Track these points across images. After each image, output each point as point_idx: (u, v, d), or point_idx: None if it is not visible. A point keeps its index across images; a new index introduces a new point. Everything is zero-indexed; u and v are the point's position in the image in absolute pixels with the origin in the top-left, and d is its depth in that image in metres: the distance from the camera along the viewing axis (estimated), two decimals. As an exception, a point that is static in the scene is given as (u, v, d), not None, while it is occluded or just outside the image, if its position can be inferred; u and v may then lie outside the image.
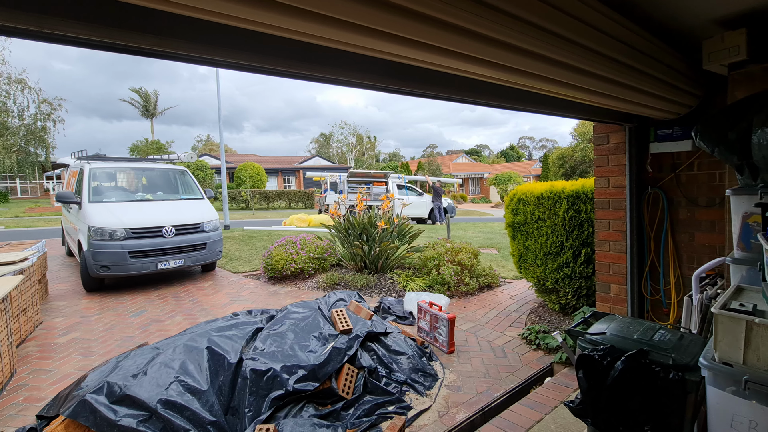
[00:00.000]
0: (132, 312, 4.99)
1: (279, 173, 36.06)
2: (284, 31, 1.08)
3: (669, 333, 1.88)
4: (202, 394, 2.36)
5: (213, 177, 25.84)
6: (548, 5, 1.41)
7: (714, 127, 1.91)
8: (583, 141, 27.65)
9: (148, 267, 5.88)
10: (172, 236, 6.13)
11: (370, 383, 2.86)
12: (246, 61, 1.26)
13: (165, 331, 4.29)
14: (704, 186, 2.90)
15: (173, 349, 2.62)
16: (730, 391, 1.44)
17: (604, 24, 1.72)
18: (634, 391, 1.67)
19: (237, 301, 5.38)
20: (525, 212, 4.38)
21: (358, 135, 49.30)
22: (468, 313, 4.70)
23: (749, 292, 1.71)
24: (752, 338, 1.40)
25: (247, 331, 2.94)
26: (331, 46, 1.20)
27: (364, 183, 15.60)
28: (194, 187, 7.58)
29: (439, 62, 1.39)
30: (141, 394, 2.25)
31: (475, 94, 2.00)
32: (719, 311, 1.45)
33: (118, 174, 7.35)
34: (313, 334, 3.00)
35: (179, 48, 1.14)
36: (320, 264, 6.46)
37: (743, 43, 2.14)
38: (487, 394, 3.00)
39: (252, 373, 2.54)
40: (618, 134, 3.22)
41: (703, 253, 2.92)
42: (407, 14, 1.08)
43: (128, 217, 5.99)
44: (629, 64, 1.94)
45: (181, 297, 5.63)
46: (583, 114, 2.75)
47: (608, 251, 3.34)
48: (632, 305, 3.20)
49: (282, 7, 0.95)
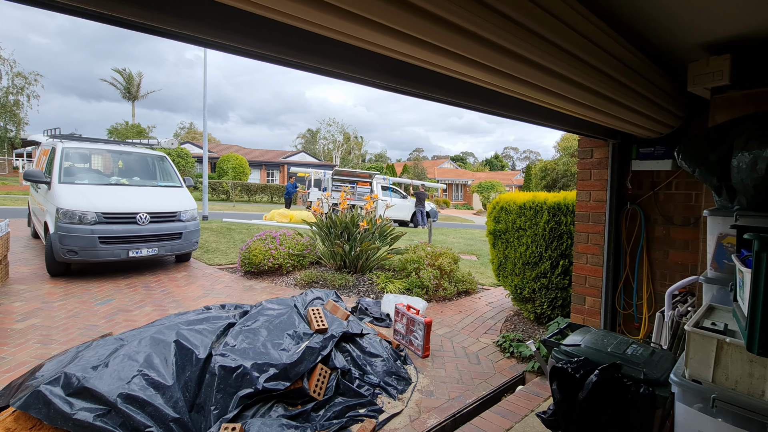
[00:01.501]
0: (98, 300, 4.78)
1: (263, 166, 35.50)
2: (276, 14, 1.03)
3: (641, 348, 1.90)
4: (166, 390, 2.26)
5: (194, 166, 25.21)
6: (548, 14, 1.40)
7: (696, 148, 1.95)
8: (565, 155, 28.28)
9: (119, 254, 5.66)
10: (146, 224, 5.92)
11: (343, 385, 2.81)
12: (236, 43, 1.20)
13: (132, 322, 4.12)
14: (681, 205, 2.97)
15: (139, 341, 2.51)
16: (698, 408, 1.46)
17: (600, 38, 1.73)
18: (606, 404, 1.68)
19: (211, 294, 5.23)
20: (507, 221, 4.42)
21: (346, 134, 49.07)
22: (445, 318, 4.70)
23: (720, 311, 1.75)
24: (722, 357, 1.42)
25: (219, 326, 2.84)
26: (321, 33, 1.15)
27: (348, 182, 15.51)
28: (173, 175, 7.35)
29: (434, 60, 1.36)
30: (100, 387, 2.14)
31: (467, 98, 1.98)
32: (692, 329, 1.47)
33: (93, 156, 7.06)
34: (288, 332, 2.93)
35: (169, 24, 1.06)
36: (299, 261, 6.36)
37: (727, 68, 2.20)
38: (460, 400, 3.00)
39: (221, 369, 2.46)
40: (602, 149, 3.28)
41: (675, 271, 2.99)
42: (404, 6, 1.05)
43: (101, 201, 5.75)
44: (619, 79, 1.97)
45: (152, 287, 5.44)
46: (571, 126, 2.78)
47: (586, 264, 3.39)
48: (605, 318, 3.26)
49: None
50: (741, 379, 1.38)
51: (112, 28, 1.10)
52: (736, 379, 1.40)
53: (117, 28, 1.09)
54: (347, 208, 6.81)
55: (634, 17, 1.84)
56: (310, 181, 17.15)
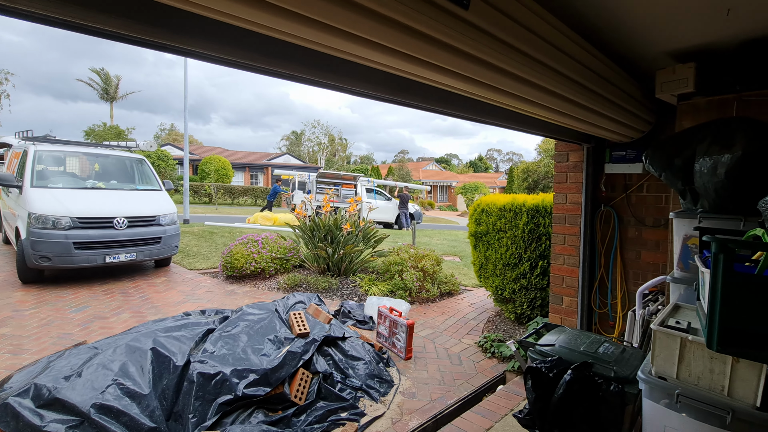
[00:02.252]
0: (73, 307, 4.65)
1: (246, 169, 35.05)
2: (257, 26, 1.03)
3: (612, 346, 1.96)
4: (142, 399, 2.21)
5: (175, 168, 24.70)
6: (521, 26, 1.45)
7: (662, 153, 2.03)
8: (546, 157, 28.83)
9: (95, 260, 5.51)
10: (123, 228, 5.78)
11: (325, 389, 2.80)
12: (211, 51, 1.20)
13: (109, 329, 4.02)
14: (651, 207, 3.08)
15: (114, 350, 2.45)
16: (664, 404, 1.52)
17: (570, 48, 1.79)
18: (578, 402, 1.73)
19: (191, 300, 5.14)
20: (488, 223, 4.48)
21: (330, 136, 48.90)
22: (428, 320, 4.74)
23: (685, 310, 1.82)
24: (685, 354, 1.48)
25: (198, 332, 2.80)
26: (303, 45, 1.16)
27: (333, 184, 15.46)
28: (152, 178, 7.21)
29: (413, 71, 1.39)
30: (73, 397, 2.08)
31: (446, 104, 2.02)
32: (657, 328, 1.53)
33: (67, 158, 6.87)
34: (268, 337, 2.91)
35: (144, 33, 1.06)
36: (282, 264, 6.31)
37: (692, 76, 2.30)
38: (441, 401, 3.03)
39: (199, 376, 2.42)
40: (577, 153, 3.37)
41: (647, 271, 3.10)
42: (381, 19, 1.07)
43: (75, 205, 5.59)
44: (591, 87, 2.03)
45: (130, 293, 5.31)
46: (547, 132, 2.85)
47: (563, 264, 3.48)
48: (582, 317, 3.34)
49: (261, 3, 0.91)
50: (703, 375, 1.45)
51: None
52: (698, 375, 1.46)
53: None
54: (331, 211, 6.80)
55: (604, 27, 1.91)
56: (295, 184, 17.04)
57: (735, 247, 1.23)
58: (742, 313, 1.23)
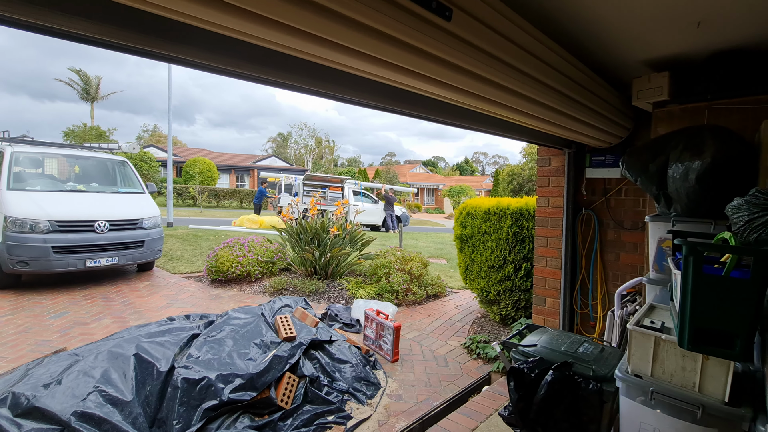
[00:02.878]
0: (52, 313, 4.53)
1: (232, 171, 34.64)
2: (244, 35, 1.05)
3: (592, 346, 2.03)
4: (125, 406, 2.18)
5: (158, 170, 24.24)
6: (503, 37, 1.49)
7: (638, 159, 2.10)
8: (531, 160, 29.33)
9: (75, 264, 5.38)
10: (105, 232, 5.66)
11: (311, 392, 2.80)
12: (197, 59, 1.21)
13: (89, 336, 3.93)
14: (630, 211, 3.18)
15: (95, 356, 2.41)
16: (640, 401, 1.58)
17: (551, 58, 1.85)
18: (559, 401, 1.78)
19: (175, 305, 5.06)
20: (473, 225, 4.55)
21: (318, 138, 48.72)
22: (414, 322, 4.77)
23: (660, 310, 1.89)
24: (659, 353, 1.54)
25: (182, 338, 2.77)
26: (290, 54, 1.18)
27: (320, 187, 15.42)
28: (135, 180, 7.08)
29: (400, 80, 1.43)
30: (52, 405, 2.04)
31: (433, 112, 2.06)
32: (633, 327, 1.59)
33: (46, 160, 6.69)
34: (254, 341, 2.89)
35: (120, 38, 1.06)
36: (268, 268, 6.27)
37: (666, 84, 2.39)
38: (427, 402, 3.06)
39: (184, 382, 2.40)
40: (559, 158, 3.46)
41: (626, 272, 3.19)
42: (367, 31, 1.09)
43: (54, 208, 5.46)
44: (571, 95, 2.10)
45: (112, 298, 5.20)
46: (529, 137, 2.92)
47: (545, 266, 3.55)
48: (564, 318, 3.42)
49: (236, 10, 0.93)
50: (675, 372, 1.51)
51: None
52: (671, 372, 1.52)
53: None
54: (318, 214, 6.79)
55: (583, 37, 1.98)
56: (281, 186, 16.92)
57: (704, 250, 1.29)
58: (711, 312, 1.29)
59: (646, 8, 1.69)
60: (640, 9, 1.70)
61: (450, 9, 1.20)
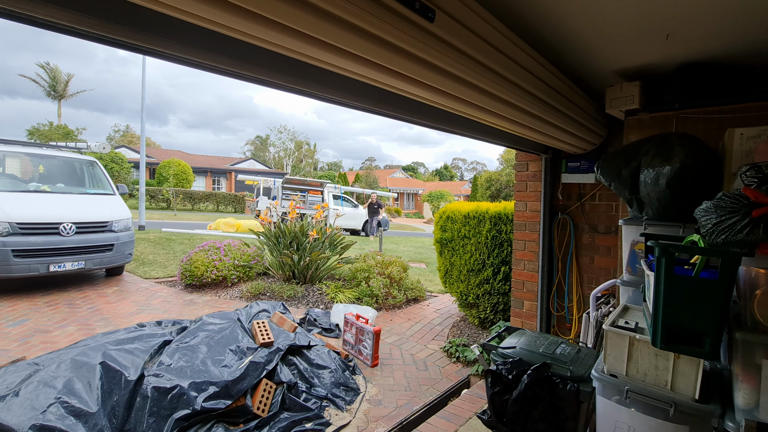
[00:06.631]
0: (10, 321, 4.27)
1: (208, 173, 33.81)
2: (221, 27, 1.02)
3: (569, 347, 2.06)
4: (89, 417, 2.07)
5: (130, 171, 23.44)
6: (483, 41, 1.51)
7: (612, 164, 2.17)
8: (508, 166, 29.94)
9: (37, 269, 5.10)
10: (71, 234, 5.40)
11: (289, 399, 2.74)
12: (174, 51, 1.17)
13: (52, 344, 3.73)
14: (603, 215, 3.28)
15: (57, 365, 2.28)
16: (615, 400, 1.61)
17: (528, 63, 1.89)
18: (537, 401, 1.80)
19: (146, 311, 4.87)
20: (453, 229, 4.59)
21: (297, 141, 48.26)
22: (394, 326, 4.75)
23: (634, 311, 1.94)
24: (633, 352, 1.58)
25: (153, 345, 2.66)
26: (268, 48, 1.15)
27: (299, 190, 15.24)
28: (104, 181, 6.80)
29: (382, 80, 1.41)
30: (8, 419, 1.91)
31: (414, 113, 2.06)
32: (608, 328, 1.63)
33: (7, 159, 6.33)
34: (230, 347, 2.81)
35: (102, 29, 1.01)
36: (245, 272, 6.12)
37: (637, 93, 2.48)
38: (407, 407, 3.04)
39: (154, 391, 2.29)
40: (536, 163, 3.53)
41: (600, 275, 3.28)
42: (347, 27, 1.08)
43: (15, 209, 5.17)
44: (547, 101, 2.15)
45: (77, 304, 4.96)
46: (508, 142, 2.97)
47: (523, 270, 3.61)
48: (541, 320, 3.48)
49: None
50: (649, 371, 1.55)
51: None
52: (645, 371, 1.56)
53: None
54: (297, 217, 6.69)
55: (560, 45, 2.03)
56: (259, 190, 16.63)
57: (675, 251, 1.33)
58: (682, 312, 1.33)
59: (619, 21, 1.76)
60: (613, 22, 1.77)
61: (433, 10, 1.20)
